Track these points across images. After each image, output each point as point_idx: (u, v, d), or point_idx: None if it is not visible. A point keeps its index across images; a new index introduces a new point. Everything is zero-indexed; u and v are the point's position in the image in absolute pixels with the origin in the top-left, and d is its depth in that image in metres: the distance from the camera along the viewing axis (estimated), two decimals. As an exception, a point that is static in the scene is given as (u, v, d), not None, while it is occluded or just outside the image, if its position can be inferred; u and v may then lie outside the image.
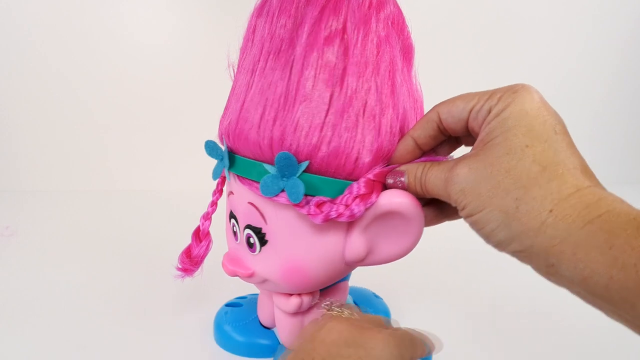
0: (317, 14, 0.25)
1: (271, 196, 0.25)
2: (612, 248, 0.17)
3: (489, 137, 0.21)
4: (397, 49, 0.26)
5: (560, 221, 0.19)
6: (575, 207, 0.19)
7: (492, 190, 0.20)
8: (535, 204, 0.19)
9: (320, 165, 0.25)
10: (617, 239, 0.17)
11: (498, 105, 0.21)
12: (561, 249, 0.19)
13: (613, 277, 0.17)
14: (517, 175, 0.20)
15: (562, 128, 0.21)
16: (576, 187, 0.19)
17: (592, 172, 0.21)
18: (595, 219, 0.18)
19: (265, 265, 0.29)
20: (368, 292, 0.44)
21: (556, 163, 0.20)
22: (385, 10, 0.26)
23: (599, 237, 0.18)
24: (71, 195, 0.83)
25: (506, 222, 0.20)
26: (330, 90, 0.24)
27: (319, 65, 0.24)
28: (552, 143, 0.20)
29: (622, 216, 0.18)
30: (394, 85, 0.26)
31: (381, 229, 0.27)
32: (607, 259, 0.17)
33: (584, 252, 0.18)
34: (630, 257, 0.17)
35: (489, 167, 0.21)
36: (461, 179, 0.22)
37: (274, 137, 0.25)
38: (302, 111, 0.24)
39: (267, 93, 0.26)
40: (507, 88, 0.22)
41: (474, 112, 0.22)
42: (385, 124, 0.25)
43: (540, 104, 0.21)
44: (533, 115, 0.21)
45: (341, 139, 0.24)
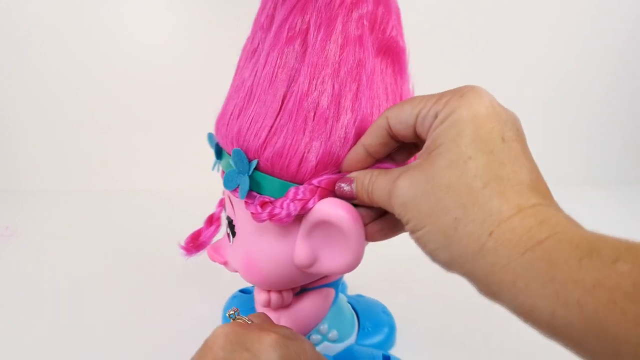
0: (285, 14, 0.25)
1: (230, 190, 0.27)
2: (553, 281, 0.16)
3: (433, 145, 0.20)
4: (370, 50, 0.25)
5: (500, 246, 0.17)
6: (515, 231, 0.17)
7: (432, 208, 0.19)
8: (475, 226, 0.18)
9: (265, 164, 0.25)
10: (559, 271, 0.16)
11: (444, 110, 0.20)
12: (501, 277, 0.17)
13: (555, 314, 0.15)
14: (457, 193, 0.18)
15: (512, 134, 0.19)
16: (518, 208, 0.18)
17: (542, 185, 0.19)
18: (536, 245, 0.16)
19: (233, 255, 0.31)
20: (377, 306, 0.43)
21: (499, 178, 0.18)
22: (360, 9, 0.25)
23: (539, 267, 0.16)
24: (71, 195, 0.83)
25: (445, 243, 0.19)
26: (284, 91, 0.24)
27: (277, 65, 0.25)
28: (497, 154, 0.18)
29: (564, 243, 0.16)
30: (359, 89, 0.25)
31: (323, 238, 0.26)
32: (548, 292, 0.16)
33: (523, 283, 0.16)
34: (572, 293, 0.15)
35: (430, 180, 0.19)
36: (402, 192, 0.20)
37: (233, 133, 0.26)
38: (256, 110, 0.25)
39: (239, 90, 0.27)
40: (455, 91, 0.20)
41: (421, 117, 0.21)
42: (338, 128, 0.24)
43: (490, 107, 0.19)
44: (480, 121, 0.19)
45: (286, 140, 0.24)
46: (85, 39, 0.80)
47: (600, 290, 0.14)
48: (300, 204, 0.24)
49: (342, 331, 0.37)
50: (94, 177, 0.88)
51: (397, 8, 0.28)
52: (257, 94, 0.26)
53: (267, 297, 0.31)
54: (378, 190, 0.22)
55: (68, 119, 0.84)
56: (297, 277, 0.29)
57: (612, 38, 0.87)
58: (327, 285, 0.34)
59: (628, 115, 0.92)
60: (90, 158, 0.87)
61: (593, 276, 0.15)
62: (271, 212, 0.25)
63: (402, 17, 0.28)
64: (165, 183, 0.88)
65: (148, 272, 0.53)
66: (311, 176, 0.25)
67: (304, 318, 0.33)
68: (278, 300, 0.31)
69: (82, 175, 0.88)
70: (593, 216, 0.76)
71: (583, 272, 0.15)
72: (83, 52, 0.81)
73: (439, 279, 0.52)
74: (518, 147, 0.19)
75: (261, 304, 0.32)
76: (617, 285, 0.14)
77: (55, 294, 0.48)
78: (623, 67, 0.89)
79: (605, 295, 0.14)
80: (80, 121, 0.85)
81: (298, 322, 0.33)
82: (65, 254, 0.59)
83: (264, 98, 0.25)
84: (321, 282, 0.33)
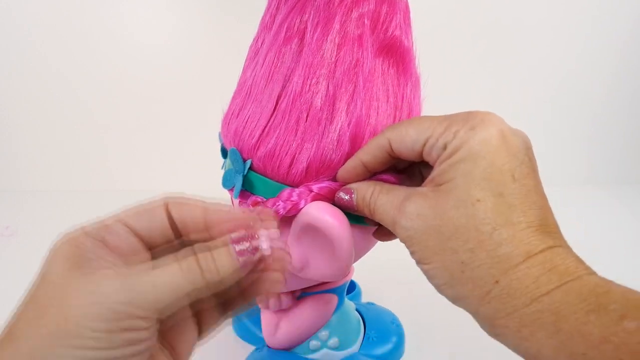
0: (285, 14, 0.25)
1: (227, 189, 0.27)
2: (559, 332, 0.16)
3: (442, 179, 0.19)
4: (370, 50, 0.24)
5: (506, 295, 0.17)
6: (522, 280, 0.17)
7: (439, 247, 0.19)
8: (481, 272, 0.18)
9: (258, 165, 0.25)
10: (565, 324, 0.16)
11: (453, 142, 0.19)
12: (505, 323, 0.17)
13: None
14: (465, 237, 0.18)
15: (523, 170, 0.19)
16: (526, 254, 0.17)
17: (551, 222, 0.19)
18: (543, 296, 0.16)
19: None
20: (387, 316, 0.42)
21: (509, 223, 0.18)
22: (361, 8, 0.24)
23: (546, 318, 0.16)
24: (71, 195, 0.83)
25: (451, 283, 0.19)
26: (279, 91, 0.24)
27: (274, 65, 0.25)
28: (506, 196, 0.18)
29: (572, 296, 0.16)
30: (355, 90, 0.24)
31: (312, 243, 0.25)
32: (554, 343, 0.16)
33: (529, 332, 0.17)
34: (579, 346, 0.15)
35: (438, 219, 0.19)
36: (409, 225, 0.20)
37: (232, 132, 0.26)
38: (252, 110, 0.25)
39: (241, 90, 0.27)
40: (465, 120, 0.19)
41: (429, 146, 0.20)
42: (331, 130, 0.23)
43: (501, 139, 0.19)
44: (490, 158, 0.18)
45: (278, 141, 0.24)
46: (85, 39, 0.80)
47: (607, 347, 0.15)
48: (290, 204, 0.24)
49: (345, 339, 0.36)
50: (94, 177, 0.88)
51: (405, 7, 0.27)
52: (254, 93, 0.25)
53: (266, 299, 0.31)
54: (381, 211, 0.22)
55: (68, 119, 0.84)
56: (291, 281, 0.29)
57: (613, 38, 0.87)
58: (330, 291, 0.33)
59: (629, 114, 0.92)
60: (90, 158, 0.87)
61: (600, 332, 0.15)
62: None
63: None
64: (165, 183, 0.87)
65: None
66: (302, 179, 0.24)
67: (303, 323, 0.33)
68: (276, 303, 0.31)
69: (82, 175, 0.87)
70: (594, 216, 0.76)
71: (590, 326, 0.15)
72: (83, 52, 0.81)
73: None
74: (529, 183, 0.19)
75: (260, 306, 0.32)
76: (624, 342, 0.14)
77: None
78: (624, 67, 0.89)
79: (611, 351, 0.15)
80: (80, 121, 0.85)
81: (297, 326, 0.32)
82: (65, 254, 0.58)
83: (260, 98, 0.25)
84: (323, 287, 0.33)
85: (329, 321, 0.35)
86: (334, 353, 0.36)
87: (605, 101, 0.91)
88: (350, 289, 0.47)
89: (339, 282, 0.34)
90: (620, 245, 0.64)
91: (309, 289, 0.32)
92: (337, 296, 0.34)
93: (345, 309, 0.37)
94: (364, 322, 0.40)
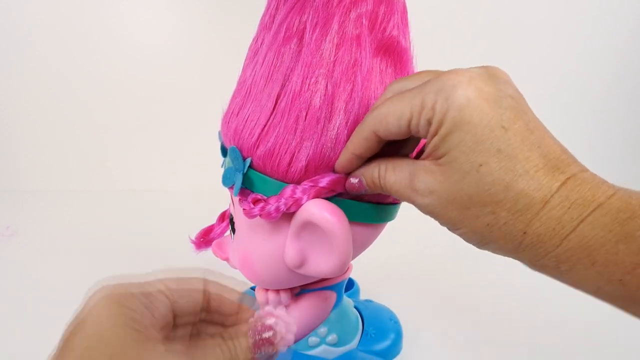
0: (285, 14, 0.25)
1: (227, 187, 0.27)
2: (594, 264, 0.17)
3: (438, 153, 0.20)
4: (368, 50, 0.25)
5: (536, 242, 0.18)
6: (546, 225, 0.18)
7: (462, 215, 0.20)
8: (508, 228, 0.19)
9: (258, 163, 0.25)
10: (598, 256, 0.17)
11: (435, 117, 0.19)
12: (544, 263, 0.19)
13: (601, 288, 0.17)
14: (482, 202, 0.19)
15: (509, 115, 0.19)
16: (543, 200, 0.18)
17: (556, 155, 0.19)
18: (571, 234, 0.17)
19: (233, 252, 0.31)
20: (385, 312, 0.43)
21: (517, 175, 0.18)
22: (359, 9, 0.24)
23: (579, 254, 0.17)
24: (71, 195, 0.83)
25: (483, 241, 0.20)
26: (278, 91, 0.24)
27: (273, 65, 0.25)
28: (504, 150, 0.18)
29: (596, 227, 0.17)
30: (353, 89, 0.24)
31: (311, 240, 0.25)
32: (592, 273, 0.17)
33: (567, 267, 0.18)
34: (614, 273, 0.17)
35: (451, 193, 0.20)
36: (426, 202, 0.21)
37: (232, 131, 0.26)
38: (252, 109, 0.25)
39: (241, 89, 0.27)
40: (437, 91, 0.19)
41: (414, 126, 0.20)
42: (330, 129, 0.24)
43: (478, 98, 0.18)
44: (474, 120, 0.18)
45: (277, 139, 0.24)
46: (85, 39, 0.80)
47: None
48: (292, 200, 0.24)
49: (343, 335, 0.37)
50: (94, 177, 0.88)
51: (402, 7, 0.27)
52: (254, 92, 0.26)
53: (265, 296, 0.31)
54: (395, 191, 0.22)
55: (68, 119, 0.84)
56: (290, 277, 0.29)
57: (613, 38, 0.87)
58: (328, 288, 0.34)
59: (629, 114, 0.92)
60: (90, 158, 0.87)
61: (631, 259, 0.16)
62: (262, 208, 0.25)
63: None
64: (165, 183, 0.88)
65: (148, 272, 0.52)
66: (301, 176, 0.25)
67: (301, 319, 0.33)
68: (275, 299, 0.31)
69: (82, 175, 0.88)
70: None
71: (621, 255, 0.17)
72: (83, 52, 0.81)
73: (453, 289, 0.52)
74: (520, 126, 0.19)
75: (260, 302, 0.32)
76: None
77: (56, 294, 0.48)
78: (624, 67, 0.89)
79: None
80: (80, 121, 0.85)
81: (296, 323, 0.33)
82: (66, 254, 0.59)
83: (260, 97, 0.25)
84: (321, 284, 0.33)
85: (328, 318, 0.35)
86: (332, 349, 0.36)
87: (605, 101, 0.91)
88: (349, 287, 0.48)
89: (338, 278, 0.34)
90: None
91: (307, 285, 0.32)
92: (335, 293, 0.34)
93: (343, 306, 0.37)
94: (362, 319, 0.41)
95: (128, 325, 0.17)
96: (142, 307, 0.18)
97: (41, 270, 0.54)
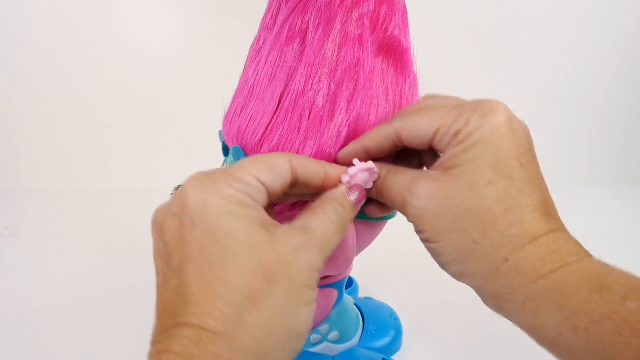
0: (287, 14, 0.25)
1: None
2: (563, 308, 0.17)
3: (452, 163, 0.20)
4: (370, 50, 0.25)
5: (514, 272, 0.18)
6: (529, 259, 0.18)
7: (451, 226, 0.20)
8: (492, 250, 0.19)
9: None
10: (569, 301, 0.17)
11: (465, 129, 0.20)
12: (511, 297, 0.18)
13: (562, 335, 0.17)
14: (478, 216, 0.19)
15: (528, 157, 0.20)
16: (533, 236, 0.18)
17: (553, 209, 0.20)
18: (549, 274, 0.18)
19: None
20: (385, 309, 0.43)
21: (518, 205, 0.19)
22: (361, 9, 0.25)
23: (551, 295, 0.17)
24: (71, 195, 0.83)
25: (460, 260, 0.20)
26: (281, 90, 0.25)
27: (276, 65, 0.25)
28: (516, 180, 0.19)
29: (576, 275, 0.17)
30: (355, 89, 0.24)
31: None
32: (557, 317, 0.17)
33: (534, 306, 0.18)
34: (582, 321, 0.16)
35: (450, 200, 0.20)
36: (420, 205, 0.21)
37: (234, 130, 0.26)
38: (255, 108, 0.25)
39: (243, 89, 0.27)
40: (475, 108, 0.20)
41: (440, 134, 0.21)
42: (332, 128, 0.24)
43: (509, 127, 0.20)
44: (500, 144, 0.19)
45: (281, 138, 0.24)
46: (86, 38, 0.80)
47: (608, 323, 0.16)
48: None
49: (344, 332, 0.37)
50: (94, 177, 0.88)
51: (403, 7, 0.27)
52: (257, 92, 0.26)
53: None
54: (390, 192, 0.22)
55: (68, 119, 0.84)
56: None
57: (614, 38, 0.87)
58: (329, 285, 0.34)
59: (629, 114, 0.92)
60: (90, 158, 0.87)
61: (602, 310, 0.16)
62: None
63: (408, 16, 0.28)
64: (165, 183, 0.87)
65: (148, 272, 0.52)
66: None
67: None
68: None
69: (82, 175, 0.88)
70: (595, 216, 0.76)
71: (593, 304, 0.16)
72: (83, 51, 0.81)
73: (451, 286, 0.52)
74: (533, 169, 0.20)
75: None
76: (625, 320, 0.16)
77: (56, 294, 0.48)
78: (624, 67, 0.89)
79: (612, 327, 0.16)
80: (80, 121, 0.85)
81: None
82: (66, 254, 0.59)
83: (263, 97, 0.25)
84: (323, 282, 0.33)
85: (329, 315, 0.35)
86: (334, 346, 0.36)
87: (605, 101, 0.91)
88: (348, 285, 0.48)
89: (339, 276, 0.34)
90: (621, 245, 0.64)
91: None
92: (336, 290, 0.35)
93: (344, 304, 0.37)
94: (363, 316, 0.41)
95: (252, 222, 0.17)
96: (246, 197, 0.18)
97: (41, 270, 0.54)
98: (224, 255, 0.16)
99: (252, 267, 0.16)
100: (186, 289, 0.16)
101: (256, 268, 0.16)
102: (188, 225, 0.17)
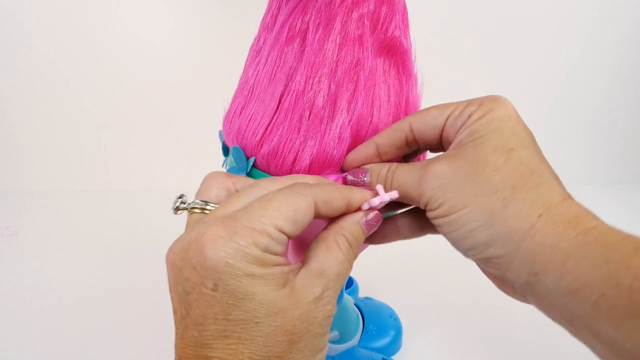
0: (287, 14, 0.25)
1: None
2: (607, 263, 0.16)
3: (471, 137, 0.20)
4: (370, 50, 0.25)
5: (550, 228, 0.18)
6: (564, 216, 0.18)
7: (477, 188, 0.19)
8: (525, 206, 0.18)
9: (261, 162, 0.25)
10: (614, 255, 0.16)
11: (479, 110, 0.20)
12: (550, 257, 0.17)
13: (605, 295, 0.16)
14: (506, 175, 0.19)
15: (534, 140, 0.21)
16: (562, 196, 0.18)
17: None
18: (590, 229, 0.17)
19: None
20: (385, 309, 0.43)
21: (541, 170, 0.19)
22: (361, 9, 0.25)
23: (594, 249, 0.16)
24: (71, 195, 0.83)
25: (490, 222, 0.19)
26: (281, 90, 0.25)
27: (276, 65, 0.25)
28: (535, 150, 0.20)
29: (615, 232, 0.17)
30: (356, 89, 0.24)
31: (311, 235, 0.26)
32: (601, 274, 0.16)
33: (574, 263, 0.17)
34: (625, 277, 0.16)
35: (474, 164, 0.19)
36: (440, 174, 0.20)
37: (234, 130, 0.26)
38: (255, 108, 0.25)
39: (243, 89, 0.27)
40: (486, 97, 0.21)
41: (452, 118, 0.21)
42: (333, 128, 0.24)
43: (517, 115, 0.21)
44: (515, 122, 0.20)
45: (281, 138, 0.24)
46: (86, 38, 0.80)
47: None
48: None
49: (345, 332, 0.37)
50: (94, 177, 0.88)
51: (403, 7, 0.27)
52: (257, 92, 0.26)
53: None
54: (403, 176, 0.22)
55: (68, 119, 0.84)
56: None
57: (614, 38, 0.87)
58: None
59: (629, 114, 0.92)
60: (90, 158, 0.87)
61: None
62: None
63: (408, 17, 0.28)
64: (165, 183, 0.88)
65: (149, 272, 0.52)
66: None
67: None
68: None
69: (82, 175, 0.88)
70: (594, 216, 0.76)
71: (638, 259, 0.16)
72: (83, 51, 0.81)
73: (451, 286, 0.52)
74: (540, 155, 0.20)
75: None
76: None
77: (56, 294, 0.48)
78: (624, 67, 0.89)
79: None
80: (80, 121, 0.85)
81: None
82: (66, 254, 0.59)
83: (263, 97, 0.25)
84: None
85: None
86: (334, 346, 0.37)
87: (605, 101, 0.91)
88: (348, 285, 0.48)
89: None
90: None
91: None
92: None
93: (344, 304, 0.37)
94: (363, 316, 0.41)
95: (264, 277, 0.17)
96: (268, 254, 0.17)
97: (41, 270, 0.54)
98: (247, 318, 0.16)
99: (275, 332, 0.16)
100: (207, 346, 0.16)
101: (279, 333, 0.16)
102: (209, 285, 0.16)
